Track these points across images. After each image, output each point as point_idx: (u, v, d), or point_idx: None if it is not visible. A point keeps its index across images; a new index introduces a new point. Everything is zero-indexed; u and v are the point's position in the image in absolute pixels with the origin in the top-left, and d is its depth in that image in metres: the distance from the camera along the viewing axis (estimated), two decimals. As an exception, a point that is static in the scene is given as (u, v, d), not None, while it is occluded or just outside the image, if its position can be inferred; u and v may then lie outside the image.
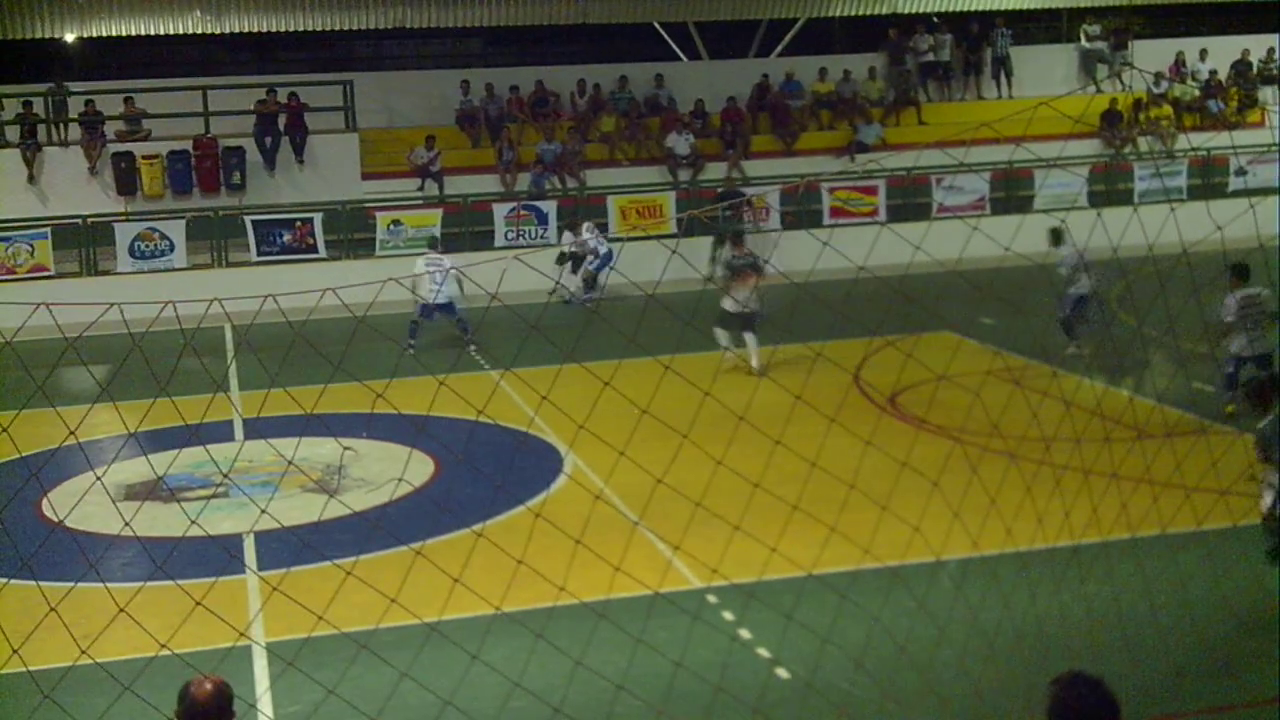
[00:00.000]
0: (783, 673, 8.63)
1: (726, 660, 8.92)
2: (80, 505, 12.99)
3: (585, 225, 25.26)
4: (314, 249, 25.90)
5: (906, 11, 34.37)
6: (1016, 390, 16.33)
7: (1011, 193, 29.14)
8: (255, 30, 31.98)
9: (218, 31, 31.63)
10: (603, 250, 24.47)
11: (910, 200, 28.84)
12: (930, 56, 34.34)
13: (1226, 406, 14.92)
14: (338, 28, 32.84)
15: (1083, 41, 35.22)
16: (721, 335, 18.60)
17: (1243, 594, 10.02)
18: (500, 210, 27.03)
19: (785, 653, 8.89)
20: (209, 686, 5.21)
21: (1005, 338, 18.63)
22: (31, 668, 9.20)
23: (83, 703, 8.62)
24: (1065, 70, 35.06)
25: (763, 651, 8.93)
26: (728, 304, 18.52)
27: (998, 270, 20.90)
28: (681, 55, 36.18)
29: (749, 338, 18.58)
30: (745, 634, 9.23)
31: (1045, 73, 34.27)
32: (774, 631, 9.23)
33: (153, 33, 31.70)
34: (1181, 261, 8.61)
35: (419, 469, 13.71)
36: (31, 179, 26.75)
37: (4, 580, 11.07)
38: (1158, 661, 8.67)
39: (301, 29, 32.34)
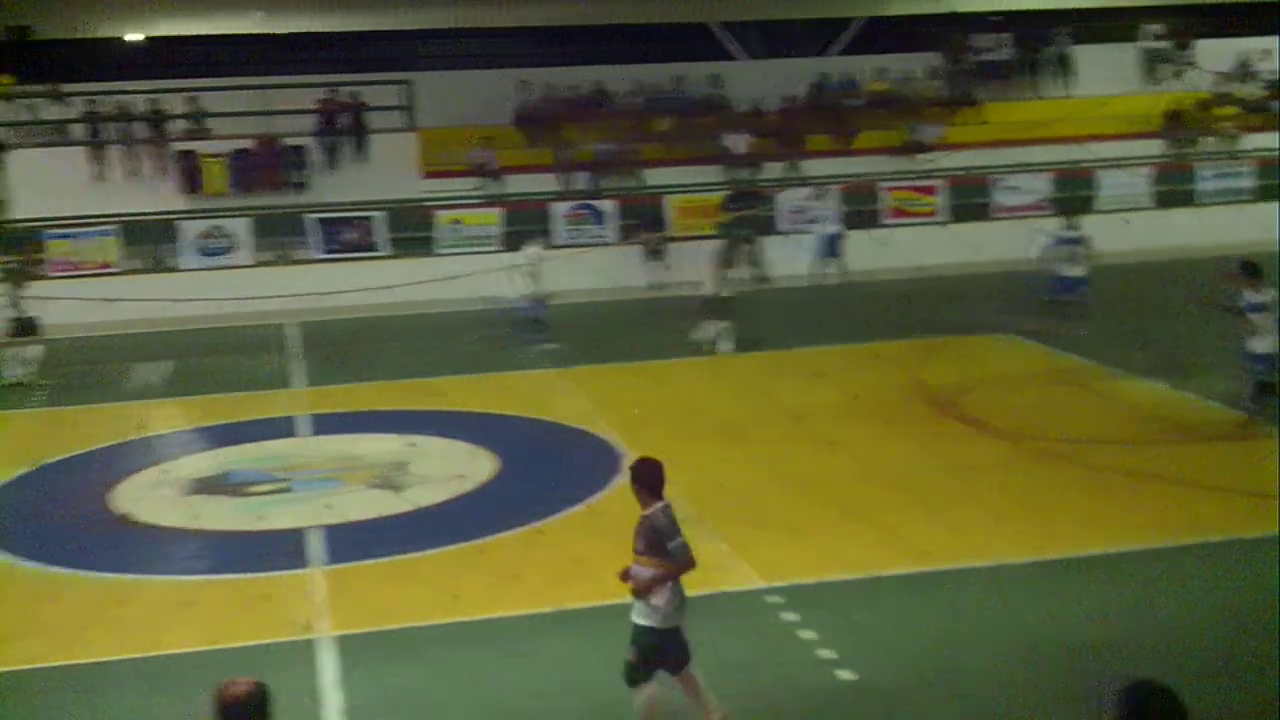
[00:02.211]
0: (845, 674, 8.63)
1: (788, 661, 8.93)
2: (146, 499, 13.18)
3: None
4: (374, 247, 26.11)
5: (965, 10, 34.15)
6: (1078, 393, 16.26)
7: (1072, 193, 28.88)
8: (316, 30, 32.32)
9: (280, 31, 31.98)
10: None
11: (969, 200, 28.65)
12: (990, 55, 34.11)
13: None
14: (398, 28, 33.12)
15: (1145, 40, 34.84)
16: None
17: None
18: (557, 209, 27.15)
19: (848, 654, 8.88)
20: (244, 687, 4.95)
21: (1066, 340, 18.50)
22: (99, 659, 9.39)
23: (147, 694, 8.75)
24: (1127, 69, 34.69)
25: (825, 653, 8.93)
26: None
27: (1047, 269, 20.77)
28: (738, 55, 36.15)
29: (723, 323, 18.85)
30: (807, 635, 9.23)
31: (1106, 72, 33.92)
32: (836, 633, 9.23)
33: (216, 32, 32.12)
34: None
35: (480, 466, 13.80)
36: (98, 177, 27.14)
37: (73, 571, 11.27)
38: (1238, 675, 8.57)
39: (362, 29, 32.65)
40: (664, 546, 7.30)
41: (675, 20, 34.04)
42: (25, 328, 18.78)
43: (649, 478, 7.55)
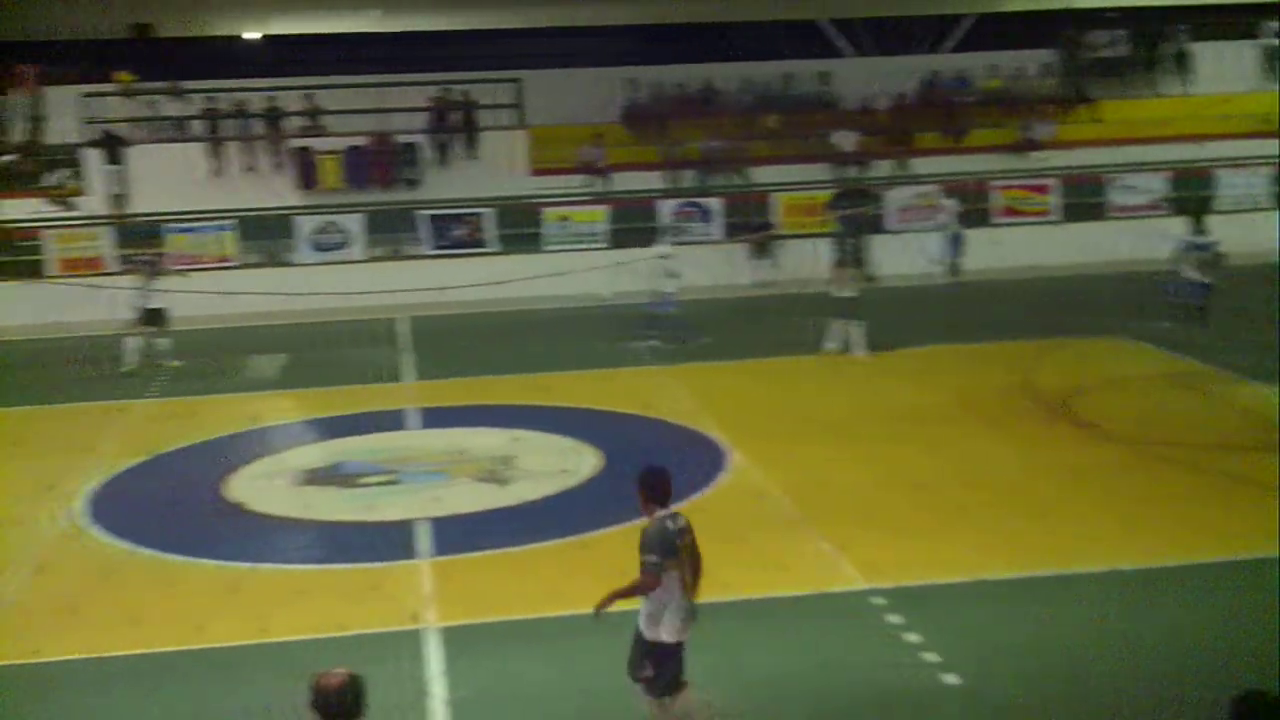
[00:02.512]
0: (950, 678, 8.54)
1: (892, 663, 8.86)
2: (260, 488, 13.46)
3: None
4: (484, 243, 26.38)
5: (1082, 6, 33.56)
6: (1192, 397, 15.91)
7: (1191, 193, 28.23)
8: (430, 29, 32.74)
9: (395, 30, 32.45)
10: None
11: (1083, 200, 28.15)
12: (1106, 52, 33.49)
13: None
14: (509, 26, 33.40)
15: (1266, 38, 33.95)
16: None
17: None
18: (665, 207, 27.19)
19: (953, 658, 8.79)
20: (339, 678, 5.00)
21: (1182, 342, 18.11)
22: (213, 644, 9.62)
23: (259, 681, 8.93)
24: (1247, 67, 33.84)
25: (930, 656, 8.85)
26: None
27: (1173, 272, 20.32)
28: (847, 52, 35.91)
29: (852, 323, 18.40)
30: (912, 638, 9.16)
31: (1226, 69, 33.12)
32: (942, 636, 9.14)
33: (333, 31, 32.68)
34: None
35: (585, 462, 13.89)
36: (217, 173, 27.76)
37: (188, 559, 11.54)
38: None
39: (475, 28, 32.99)
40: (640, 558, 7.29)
41: (786, 18, 33.89)
42: (153, 318, 19.34)
43: (651, 486, 7.54)
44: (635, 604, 7.49)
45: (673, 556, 7.38)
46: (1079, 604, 9.72)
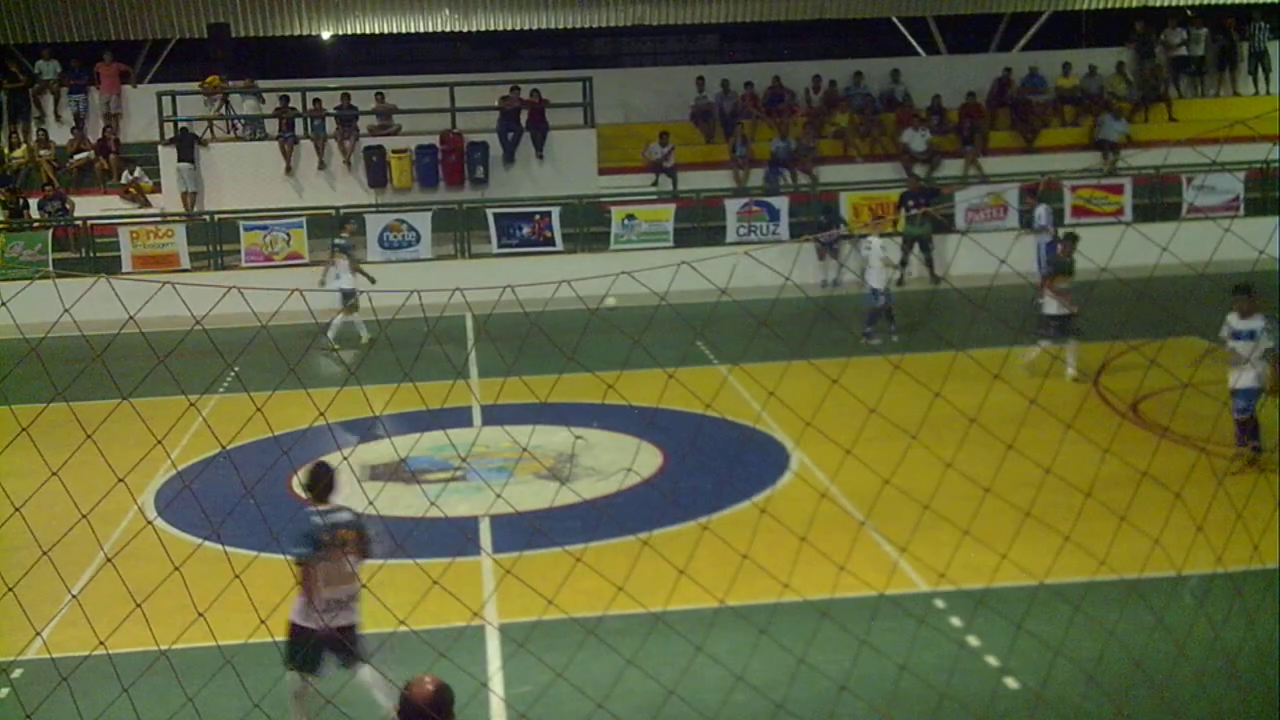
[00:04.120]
0: (1011, 682, 8.46)
1: (953, 666, 8.79)
2: (327, 483, 13.58)
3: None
4: (551, 242, 26.48)
5: (1158, 4, 33.09)
6: (1271, 401, 15.60)
7: (1267, 193, 27.73)
8: (500, 28, 32.92)
9: (465, 29, 32.66)
10: None
11: (1158, 200, 27.75)
12: (1182, 51, 32.97)
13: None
14: (578, 25, 33.49)
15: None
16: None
17: None
18: (732, 206, 27.14)
19: (1014, 662, 8.70)
20: (429, 687, 4.94)
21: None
22: (277, 639, 9.72)
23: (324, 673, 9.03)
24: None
25: (991, 659, 8.77)
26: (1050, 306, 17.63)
27: (1250, 275, 19.92)
28: (919, 50, 35.62)
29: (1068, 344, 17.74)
30: (973, 641, 9.08)
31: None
32: (1003, 640, 9.05)
33: (404, 30, 32.96)
34: None
35: (647, 460, 13.91)
36: (289, 170, 28.09)
37: (255, 553, 11.67)
38: None
39: (544, 27, 33.13)
40: None
41: (861, 16, 33.70)
42: (346, 298, 21.00)
43: (307, 485, 8.42)
44: (695, 604, 7.48)
45: (317, 550, 8.25)
46: (1146, 610, 9.58)
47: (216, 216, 26.66)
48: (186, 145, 27.53)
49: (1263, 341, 13.10)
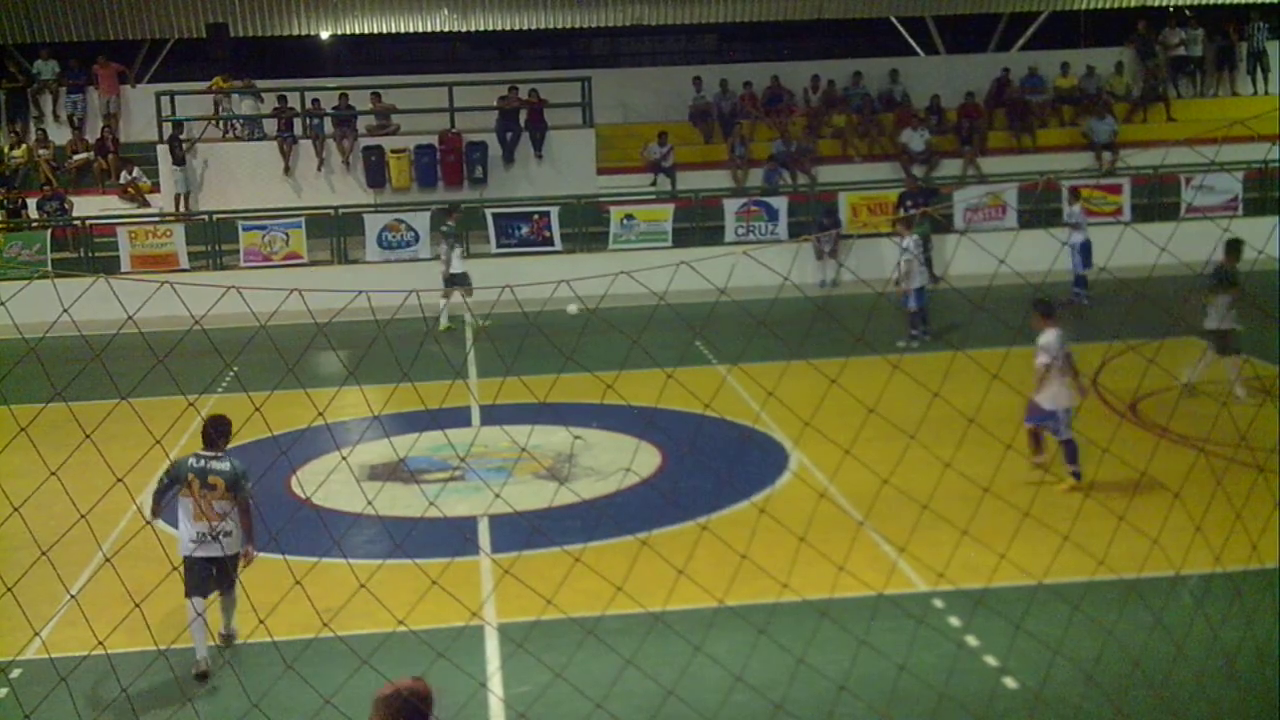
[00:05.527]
0: (1010, 682, 8.46)
1: (952, 666, 8.80)
2: (326, 484, 13.60)
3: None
4: (550, 242, 26.48)
5: (1156, 4, 33.10)
6: (1266, 400, 15.61)
7: (1266, 193, 27.75)
8: (498, 28, 32.93)
9: (463, 29, 32.67)
10: None
11: (1157, 200, 27.76)
12: (1181, 51, 32.99)
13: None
14: (577, 25, 33.50)
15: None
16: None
17: None
18: (730, 206, 27.14)
19: (1013, 662, 8.71)
20: (405, 687, 4.86)
21: (1254, 345, 17.77)
22: (276, 638, 9.72)
23: (322, 674, 9.03)
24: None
25: (990, 659, 8.77)
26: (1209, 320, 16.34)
27: (1249, 274, 19.97)
28: (918, 50, 35.64)
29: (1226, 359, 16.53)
30: (972, 641, 9.08)
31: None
32: (1002, 640, 9.06)
33: (402, 30, 32.97)
34: None
35: (646, 460, 13.91)
36: (287, 170, 28.08)
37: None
38: None
39: (542, 27, 33.13)
40: None
41: (860, 16, 33.70)
42: (457, 281, 21.82)
43: (204, 430, 9.72)
44: (695, 604, 7.47)
45: (173, 485, 9.62)
46: (1145, 610, 9.59)
47: (215, 216, 26.64)
48: (176, 148, 27.55)
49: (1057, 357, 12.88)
